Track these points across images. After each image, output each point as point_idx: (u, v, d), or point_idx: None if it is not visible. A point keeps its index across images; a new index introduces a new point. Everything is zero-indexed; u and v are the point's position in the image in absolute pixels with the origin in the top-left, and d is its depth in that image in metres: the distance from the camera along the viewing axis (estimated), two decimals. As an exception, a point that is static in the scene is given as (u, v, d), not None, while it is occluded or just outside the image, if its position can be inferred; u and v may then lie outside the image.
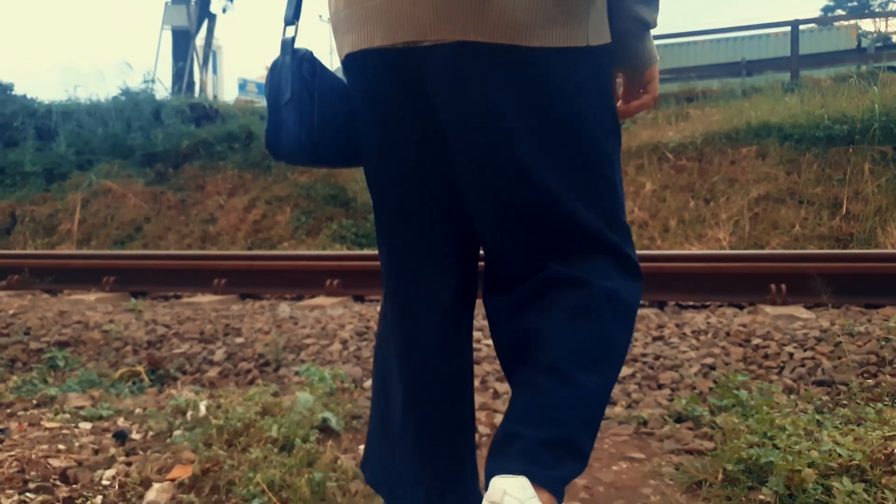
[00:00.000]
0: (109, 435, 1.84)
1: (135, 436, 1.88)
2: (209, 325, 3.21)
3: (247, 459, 1.61)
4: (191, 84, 15.31)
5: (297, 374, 2.67)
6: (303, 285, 3.98)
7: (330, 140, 1.08)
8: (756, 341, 2.68)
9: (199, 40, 16.70)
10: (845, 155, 8.12)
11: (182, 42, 15.68)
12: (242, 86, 26.90)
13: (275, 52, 1.16)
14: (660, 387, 2.41)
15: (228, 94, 22.11)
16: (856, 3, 31.09)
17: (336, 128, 1.09)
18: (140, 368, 2.79)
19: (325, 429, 1.90)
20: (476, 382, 2.47)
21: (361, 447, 1.83)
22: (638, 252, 1.09)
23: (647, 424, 2.02)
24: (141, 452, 1.75)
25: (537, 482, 0.86)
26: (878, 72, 9.99)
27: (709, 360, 2.54)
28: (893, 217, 7.44)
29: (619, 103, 1.09)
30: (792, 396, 2.16)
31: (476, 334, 3.07)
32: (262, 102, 19.64)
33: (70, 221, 9.82)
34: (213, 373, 2.77)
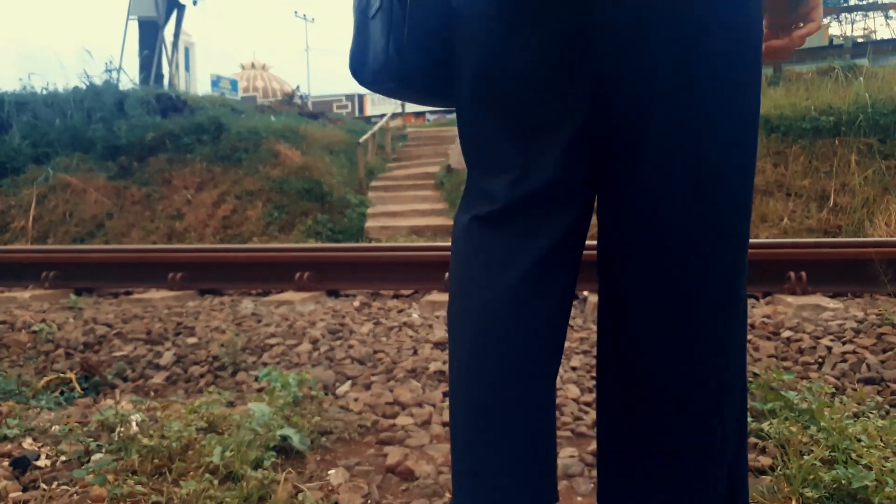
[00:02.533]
0: (7, 462, 1.43)
1: (42, 462, 1.48)
2: (158, 324, 2.80)
3: (177, 495, 1.22)
4: (159, 76, 14.70)
5: (257, 379, 2.28)
6: (270, 279, 3.57)
7: (421, 52, 0.90)
8: (786, 334, 2.34)
9: (169, 35, 16.07)
10: (831, 147, 8.02)
11: (149, 33, 15.06)
12: (216, 82, 26.21)
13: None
14: (684, 388, 2.06)
15: (201, 91, 21.50)
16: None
17: (429, 38, 0.91)
18: (71, 375, 2.37)
19: (284, 449, 1.51)
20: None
21: (332, 472, 1.45)
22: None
23: (681, 435, 1.66)
24: (43, 486, 1.34)
25: None
26: (859, 66, 9.88)
27: (737, 357, 2.19)
28: (880, 209, 7.32)
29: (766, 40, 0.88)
30: (845, 398, 1.82)
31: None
32: (235, 97, 19.04)
33: (24, 218, 9.24)
34: (158, 379, 2.36)
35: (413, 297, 3.42)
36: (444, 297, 3.22)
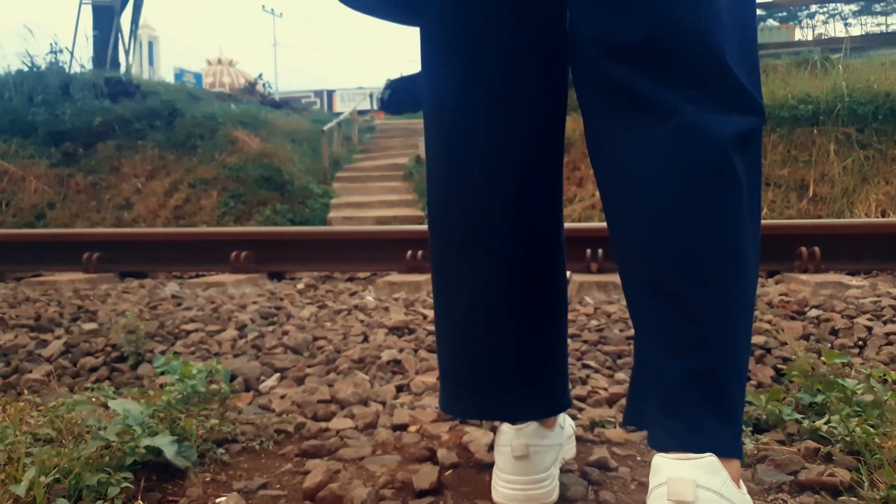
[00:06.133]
0: None
1: None
2: (53, 308, 2.30)
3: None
4: (115, 64, 13.94)
5: (163, 373, 1.80)
6: (203, 260, 3.08)
7: None
8: (814, 313, 1.95)
9: (126, 22, 15.28)
10: (810, 136, 7.83)
11: (104, 19, 14.28)
12: (179, 76, 25.42)
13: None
14: (700, 378, 1.64)
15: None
16: (786, 14, 31.58)
17: None
18: (-78, 370, 1.86)
19: (157, 466, 1.05)
20: (434, 378, 1.65)
21: (221, 500, 0.99)
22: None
23: (710, 438, 1.24)
24: None
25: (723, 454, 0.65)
26: (834, 59, 9.70)
27: (759, 339, 1.79)
28: (860, 199, 7.15)
29: None
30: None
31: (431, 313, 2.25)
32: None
33: (-43, 208, 8.54)
34: (37, 374, 1.86)
35: (369, 280, 2.96)
36: (404, 277, 2.77)
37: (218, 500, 0.99)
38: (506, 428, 0.98)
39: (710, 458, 0.65)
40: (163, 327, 2.08)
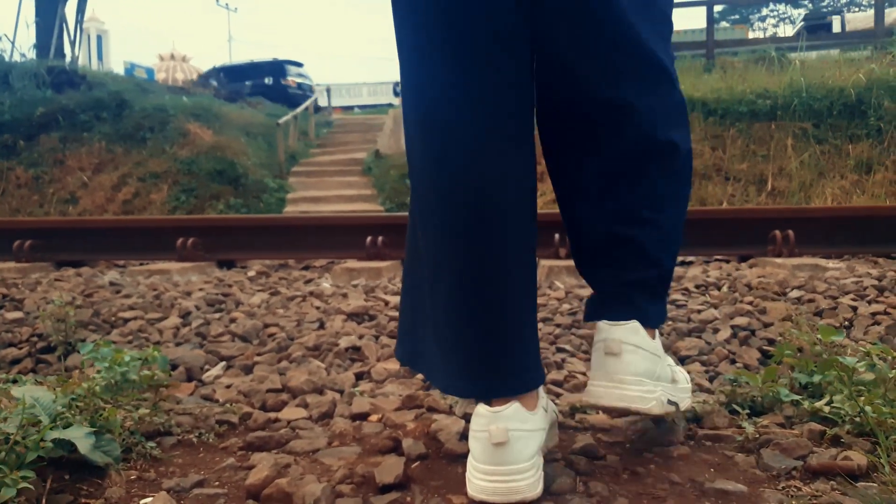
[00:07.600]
0: None
1: None
2: (-27, 297, 2.07)
3: None
4: (60, 55, 13.33)
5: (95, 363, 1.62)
6: (146, 248, 2.86)
7: None
8: (796, 293, 1.87)
9: (71, 12, 14.62)
10: (768, 131, 7.92)
11: (47, 6, 13.64)
12: (129, 70, 24.60)
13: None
14: (682, 360, 1.54)
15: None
16: (738, 17, 32.45)
17: None
18: None
19: (67, 463, 0.88)
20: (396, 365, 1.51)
21: (147, 501, 0.83)
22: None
23: (703, 422, 1.13)
24: None
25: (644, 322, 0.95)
26: (789, 57, 9.88)
27: (741, 321, 1.69)
28: (816, 193, 7.25)
29: None
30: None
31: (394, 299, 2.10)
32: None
33: None
34: (-51, 367, 1.66)
35: (326, 268, 2.79)
36: (364, 264, 2.61)
37: (143, 502, 0.83)
38: (482, 410, 0.85)
39: (633, 324, 0.95)
40: (97, 315, 1.88)
